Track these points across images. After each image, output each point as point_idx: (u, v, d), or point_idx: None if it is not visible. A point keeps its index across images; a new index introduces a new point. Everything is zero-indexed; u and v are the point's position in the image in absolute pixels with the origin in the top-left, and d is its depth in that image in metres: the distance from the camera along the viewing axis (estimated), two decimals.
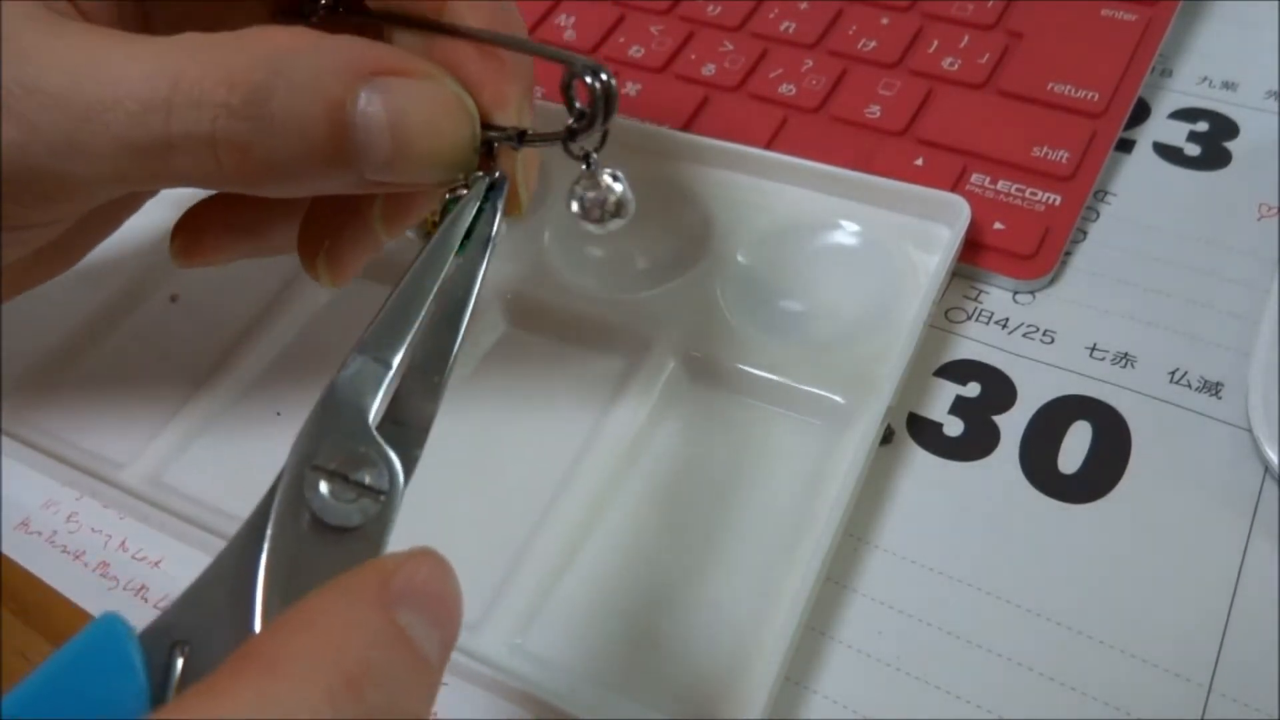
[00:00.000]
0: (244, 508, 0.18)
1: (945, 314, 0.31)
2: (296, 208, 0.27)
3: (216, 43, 0.21)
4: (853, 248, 0.32)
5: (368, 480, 0.18)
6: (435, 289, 0.21)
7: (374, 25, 0.24)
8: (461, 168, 0.22)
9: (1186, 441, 0.27)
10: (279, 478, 0.18)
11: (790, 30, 0.38)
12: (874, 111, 0.35)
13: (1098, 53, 0.35)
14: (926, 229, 0.31)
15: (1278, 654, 0.23)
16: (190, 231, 0.27)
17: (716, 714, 0.24)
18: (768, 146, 0.35)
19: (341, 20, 0.25)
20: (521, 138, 0.23)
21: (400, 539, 0.27)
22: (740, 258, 0.32)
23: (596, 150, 0.23)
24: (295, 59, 0.20)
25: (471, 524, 0.28)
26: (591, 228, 0.23)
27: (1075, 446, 0.27)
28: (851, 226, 0.32)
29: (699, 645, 0.25)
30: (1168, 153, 0.34)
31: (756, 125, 0.35)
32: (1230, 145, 0.34)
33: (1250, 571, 0.25)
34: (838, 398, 0.28)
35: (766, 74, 0.37)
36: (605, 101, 0.21)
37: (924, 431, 0.28)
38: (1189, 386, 0.28)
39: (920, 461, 0.28)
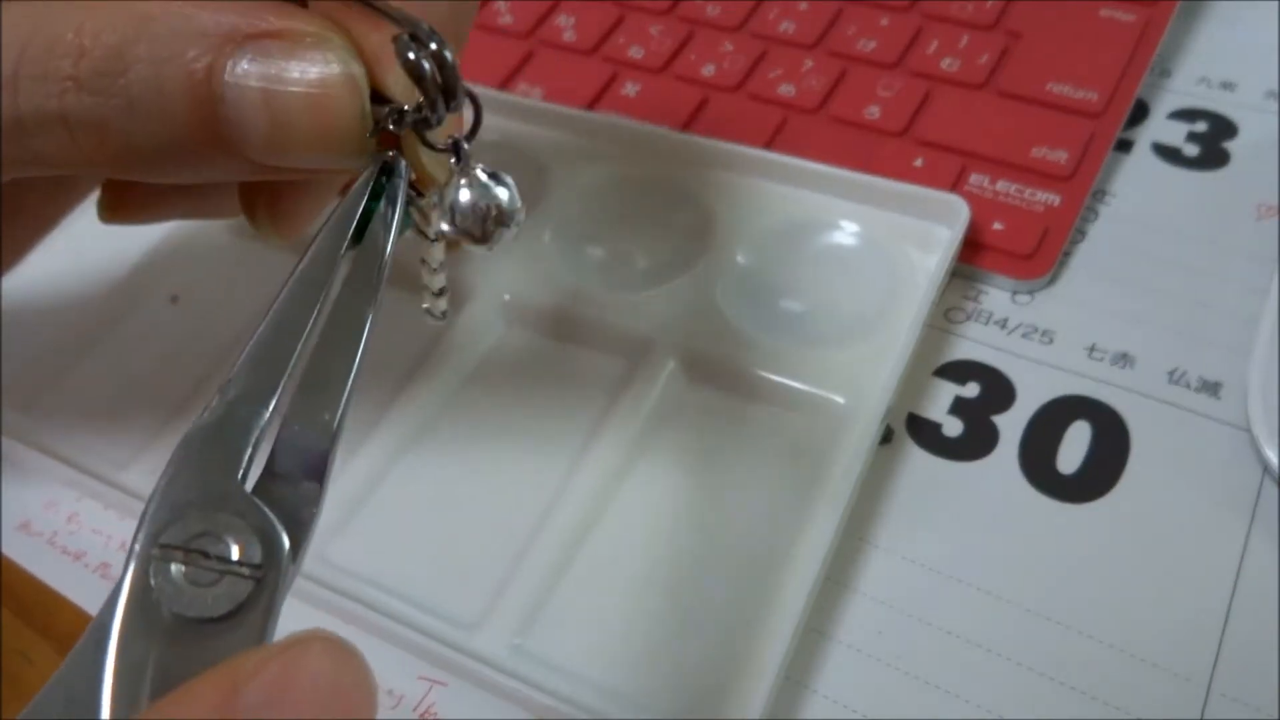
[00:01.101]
0: None
1: (944, 314, 0.31)
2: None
3: (72, 7, 0.18)
4: (852, 248, 0.32)
5: (235, 555, 0.15)
6: (320, 304, 0.17)
7: None
8: (356, 151, 0.19)
9: (1185, 441, 0.27)
10: (125, 564, 0.15)
11: (790, 30, 0.38)
12: (873, 112, 0.35)
13: (1097, 53, 0.35)
14: (926, 229, 0.31)
15: (1277, 654, 0.24)
16: (117, 187, 0.24)
17: (716, 714, 0.24)
18: (767, 147, 0.35)
19: None
20: (401, 117, 0.19)
21: (400, 541, 0.27)
22: (740, 258, 0.32)
23: (467, 140, 0.19)
24: (153, 23, 0.18)
25: (471, 524, 0.28)
26: (472, 247, 0.19)
27: (1074, 446, 0.27)
28: (851, 227, 0.32)
29: (699, 645, 0.25)
30: (1167, 153, 0.34)
31: (756, 125, 0.35)
32: (1229, 145, 0.34)
33: (1249, 571, 0.25)
34: (838, 398, 0.28)
35: (766, 74, 0.37)
36: (442, 77, 0.17)
37: (923, 431, 0.28)
38: (1188, 386, 0.28)
39: (920, 461, 0.28)
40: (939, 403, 0.29)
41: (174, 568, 0.14)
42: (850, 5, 0.39)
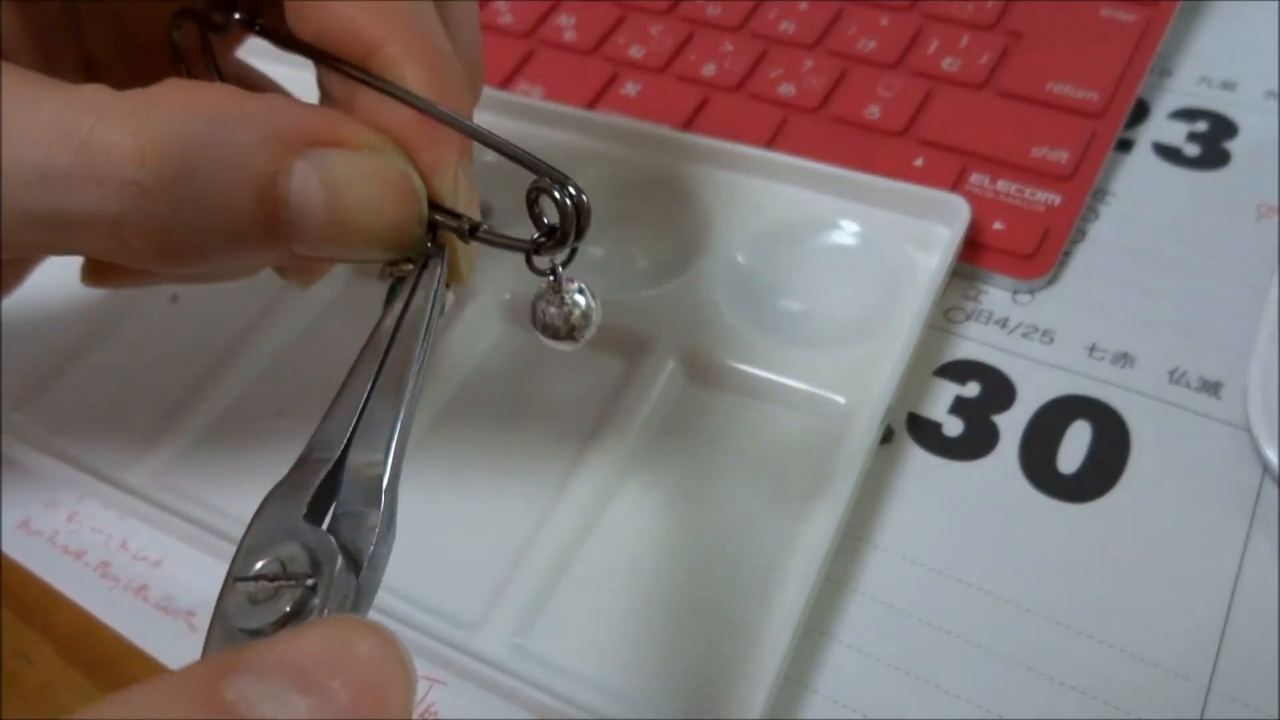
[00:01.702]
0: (245, 507, 0.18)
1: (945, 314, 0.31)
2: None
3: (129, 102, 0.18)
4: (852, 248, 0.32)
5: (288, 569, 0.16)
6: (376, 376, 0.19)
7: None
8: (406, 250, 0.20)
9: (1186, 441, 0.27)
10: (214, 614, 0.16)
11: (790, 30, 0.38)
12: (874, 111, 0.35)
13: (1097, 53, 0.35)
14: (926, 229, 0.31)
15: (1278, 654, 0.24)
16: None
17: (716, 714, 0.24)
18: (767, 146, 0.35)
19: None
20: (474, 232, 0.21)
21: (400, 541, 0.27)
22: (739, 258, 0.32)
23: (564, 265, 0.21)
24: (219, 127, 0.18)
25: (471, 524, 0.28)
26: (557, 345, 0.22)
27: (1075, 446, 0.27)
28: (851, 226, 0.32)
29: (699, 645, 0.25)
30: (1167, 153, 0.34)
31: (756, 125, 0.35)
32: (1229, 145, 0.34)
33: (1249, 571, 0.25)
34: (838, 398, 0.28)
35: (766, 74, 0.37)
36: (577, 220, 0.20)
37: (924, 431, 0.28)
38: (1188, 386, 0.28)
39: (920, 461, 0.28)
40: (939, 402, 0.29)
41: (241, 595, 0.16)
42: (850, 5, 0.39)
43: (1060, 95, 0.34)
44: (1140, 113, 0.35)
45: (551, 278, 0.21)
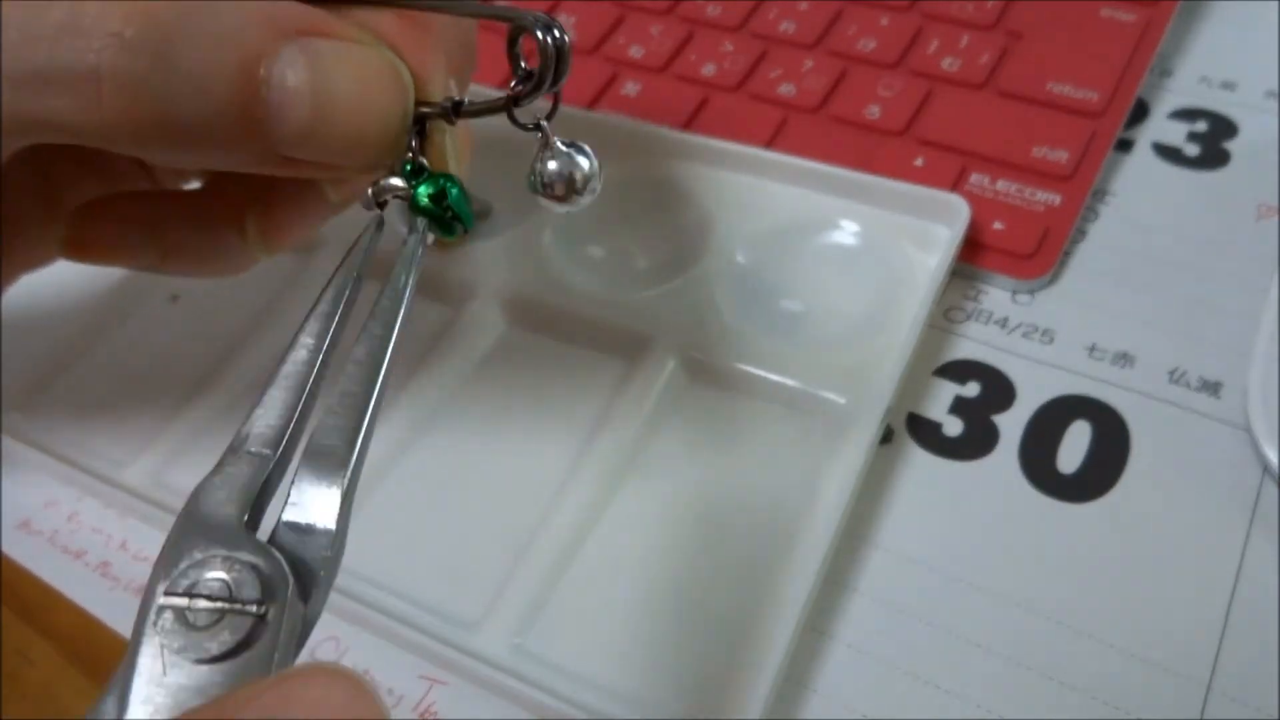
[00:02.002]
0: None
1: (945, 314, 0.31)
2: (202, 208, 0.24)
3: None
4: (852, 248, 0.32)
5: (236, 594, 0.14)
6: (325, 352, 0.17)
7: None
8: (389, 149, 0.20)
9: (1185, 441, 0.27)
10: (135, 623, 0.14)
11: (790, 30, 0.38)
12: (874, 111, 0.35)
13: (1097, 53, 0.35)
14: (926, 229, 0.31)
15: (1278, 654, 0.24)
16: (84, 223, 0.24)
17: (716, 714, 0.24)
18: (767, 146, 0.35)
19: None
20: (457, 109, 0.20)
21: (401, 541, 0.27)
22: (740, 258, 0.32)
23: (547, 119, 0.20)
24: (216, 3, 0.18)
25: (471, 524, 0.28)
26: (559, 208, 0.21)
27: (1074, 446, 0.27)
28: (851, 226, 0.32)
29: (699, 645, 0.25)
30: (1167, 153, 0.34)
31: (756, 125, 0.35)
32: (1230, 145, 0.34)
33: (1249, 571, 0.25)
34: (838, 398, 0.28)
35: (766, 74, 0.37)
36: (557, 60, 0.19)
37: (923, 431, 0.28)
38: (1188, 386, 0.28)
39: (920, 461, 0.28)
40: (939, 402, 0.29)
41: (172, 613, 0.14)
42: (850, 5, 0.39)
43: (1060, 95, 0.34)
44: (1140, 113, 0.35)
45: (537, 133, 0.20)
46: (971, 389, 0.29)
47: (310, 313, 0.18)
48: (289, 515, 0.16)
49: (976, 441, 0.28)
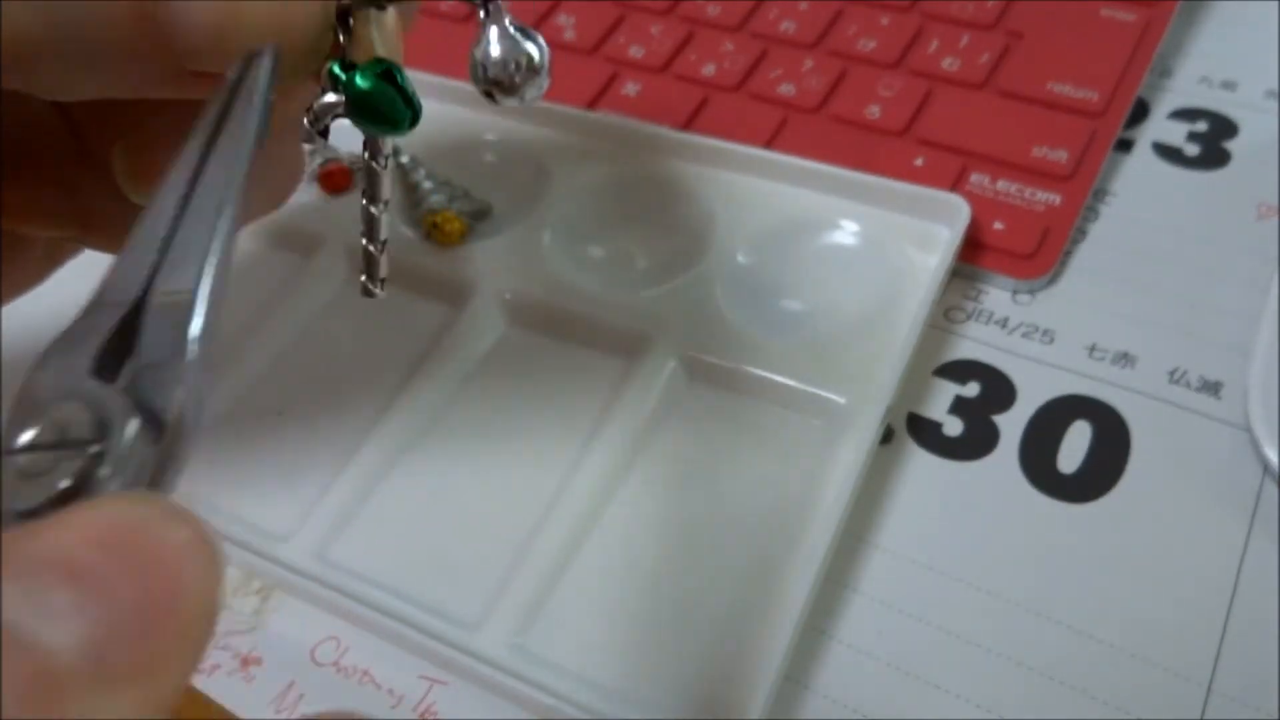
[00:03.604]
0: (245, 507, 0.18)
1: (945, 314, 0.31)
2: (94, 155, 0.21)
3: None
4: (853, 248, 0.32)
5: (67, 435, 0.13)
6: (181, 208, 0.16)
7: None
8: (310, 51, 0.17)
9: (1186, 441, 0.27)
10: None
11: (790, 30, 0.38)
12: (874, 111, 0.35)
13: (1097, 53, 0.35)
14: (926, 229, 0.31)
15: (1278, 654, 0.23)
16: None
17: (716, 714, 0.24)
18: (768, 146, 0.35)
19: None
20: None
21: (400, 541, 0.27)
22: (740, 258, 0.32)
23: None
24: None
25: (471, 524, 0.28)
26: (503, 99, 0.19)
27: (1075, 446, 0.27)
28: (851, 226, 0.32)
29: (699, 645, 0.25)
30: (1167, 152, 0.34)
31: (756, 125, 0.35)
32: (1230, 145, 0.34)
33: (1250, 571, 0.25)
34: (838, 398, 0.28)
35: (766, 74, 0.37)
36: None
37: (924, 431, 0.28)
38: (1188, 386, 0.28)
39: (920, 461, 0.28)
40: (939, 402, 0.29)
41: (10, 471, 0.13)
42: (850, 5, 0.39)
43: (1060, 95, 0.34)
44: (1140, 112, 0.35)
45: (484, 12, 0.18)
46: (972, 389, 0.29)
47: (176, 158, 0.16)
48: (141, 361, 0.15)
49: (977, 441, 0.28)
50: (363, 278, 0.22)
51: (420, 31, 0.21)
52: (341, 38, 0.18)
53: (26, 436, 0.13)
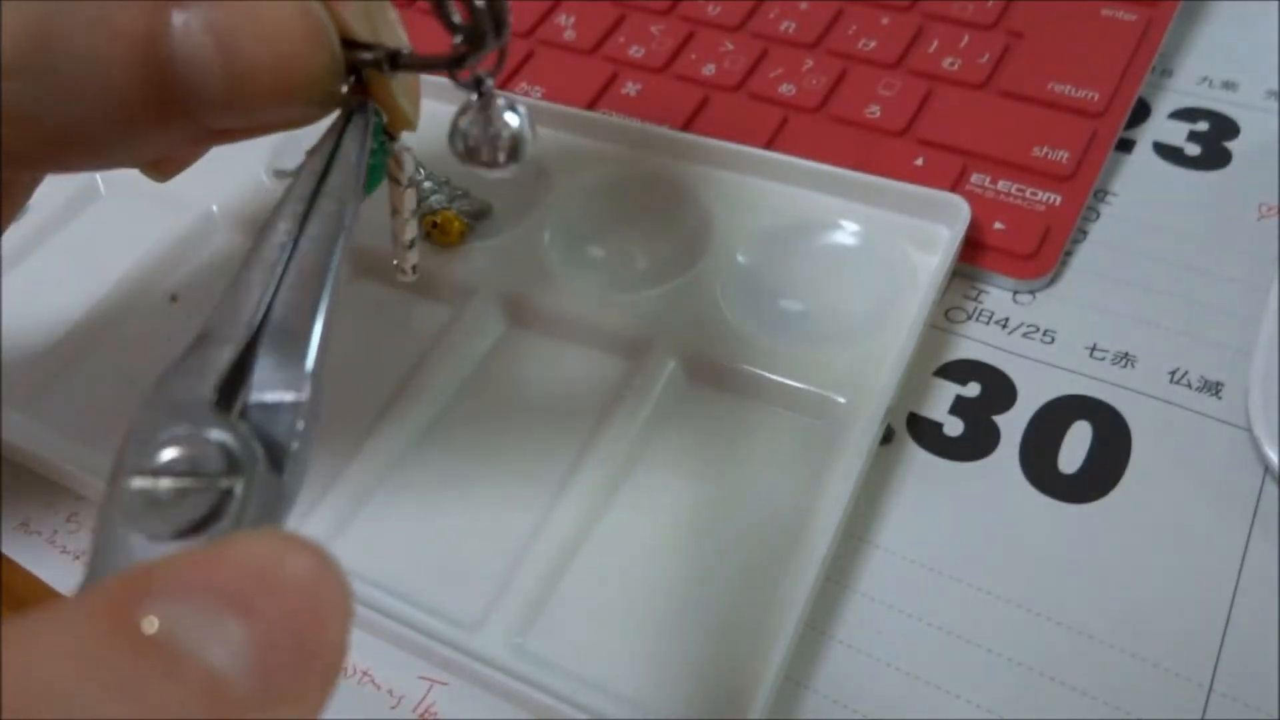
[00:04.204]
0: None
1: (945, 314, 0.31)
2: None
3: None
4: (853, 248, 0.32)
5: (198, 467, 0.14)
6: (293, 247, 0.17)
7: None
8: (322, 97, 0.18)
9: (1186, 441, 0.27)
10: (102, 503, 0.14)
11: (790, 30, 0.38)
12: (874, 111, 0.35)
13: (1098, 53, 0.35)
14: (926, 229, 0.31)
15: (1278, 654, 0.23)
16: None
17: (716, 714, 0.24)
18: (768, 146, 0.35)
19: None
20: (394, 61, 0.18)
21: (400, 541, 0.27)
22: (740, 258, 0.32)
23: (491, 75, 0.19)
24: None
25: (471, 524, 0.28)
26: (482, 172, 0.19)
27: (1075, 446, 0.27)
28: (851, 226, 0.32)
29: (699, 645, 0.25)
30: (1168, 153, 0.34)
31: (756, 125, 0.35)
32: (1230, 145, 0.34)
33: (1250, 571, 0.25)
34: (838, 398, 0.28)
35: (766, 74, 0.37)
36: (492, 14, 0.17)
37: (924, 431, 0.28)
38: (1189, 386, 0.28)
39: (920, 461, 0.28)
40: (940, 402, 0.29)
41: (136, 494, 0.14)
42: (851, 5, 0.39)
43: (1061, 95, 0.34)
44: (1141, 112, 0.35)
45: (477, 94, 0.19)
46: (972, 389, 0.29)
47: (284, 198, 0.17)
48: (255, 396, 0.15)
49: (977, 442, 0.28)
50: (395, 261, 0.23)
51: (421, 31, 0.21)
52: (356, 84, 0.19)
53: (162, 458, 0.14)
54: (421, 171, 0.34)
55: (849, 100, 0.36)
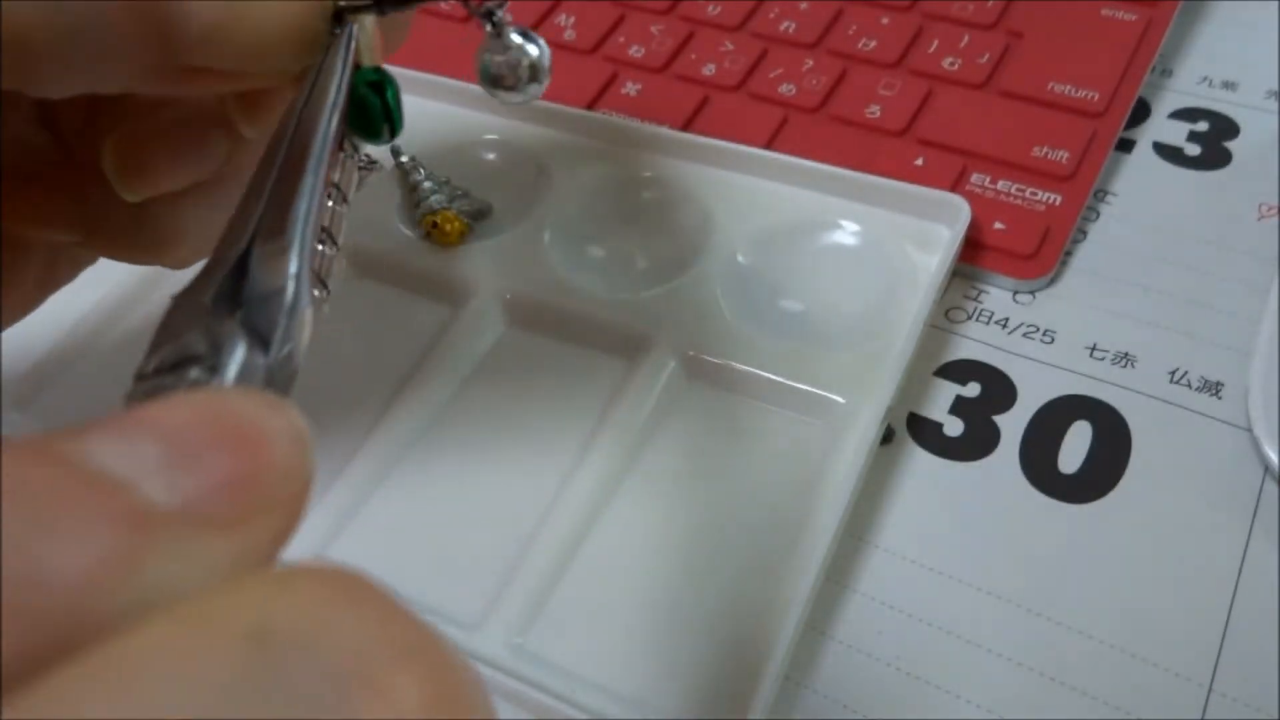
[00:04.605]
0: None
1: (945, 314, 0.31)
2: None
3: None
4: (853, 248, 0.32)
5: (186, 353, 0.14)
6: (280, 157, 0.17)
7: None
8: (307, 48, 0.18)
9: (1186, 441, 0.27)
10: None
11: (790, 30, 0.38)
12: (874, 111, 0.35)
13: (1098, 53, 0.35)
14: (926, 229, 0.31)
15: (1278, 654, 0.23)
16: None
17: (716, 714, 0.24)
18: (768, 146, 0.35)
19: None
20: (382, 2, 0.19)
21: (400, 541, 0.27)
22: (740, 258, 0.32)
23: (501, 5, 0.20)
24: None
25: (471, 524, 0.28)
26: (507, 96, 0.21)
27: (1075, 446, 0.27)
28: (851, 226, 0.32)
29: (699, 645, 0.25)
30: (1168, 152, 0.34)
31: (756, 125, 0.35)
32: (1230, 145, 0.34)
33: (1250, 571, 0.25)
34: (838, 398, 0.28)
35: (766, 74, 0.37)
36: None
37: (924, 431, 0.28)
38: (1189, 386, 0.28)
39: (920, 461, 0.28)
40: (940, 402, 0.29)
41: (141, 396, 0.14)
42: (851, 5, 0.39)
43: (1061, 95, 0.34)
44: (1141, 112, 0.35)
45: (490, 24, 0.20)
46: (972, 389, 0.29)
47: (275, 129, 0.18)
48: (253, 292, 0.16)
49: (977, 442, 0.28)
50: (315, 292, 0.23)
51: (420, 31, 0.21)
52: (359, 40, 0.19)
53: (154, 363, 0.14)
54: (421, 171, 0.34)
55: (849, 100, 0.36)
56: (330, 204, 0.19)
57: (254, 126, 0.21)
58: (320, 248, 0.18)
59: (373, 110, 0.20)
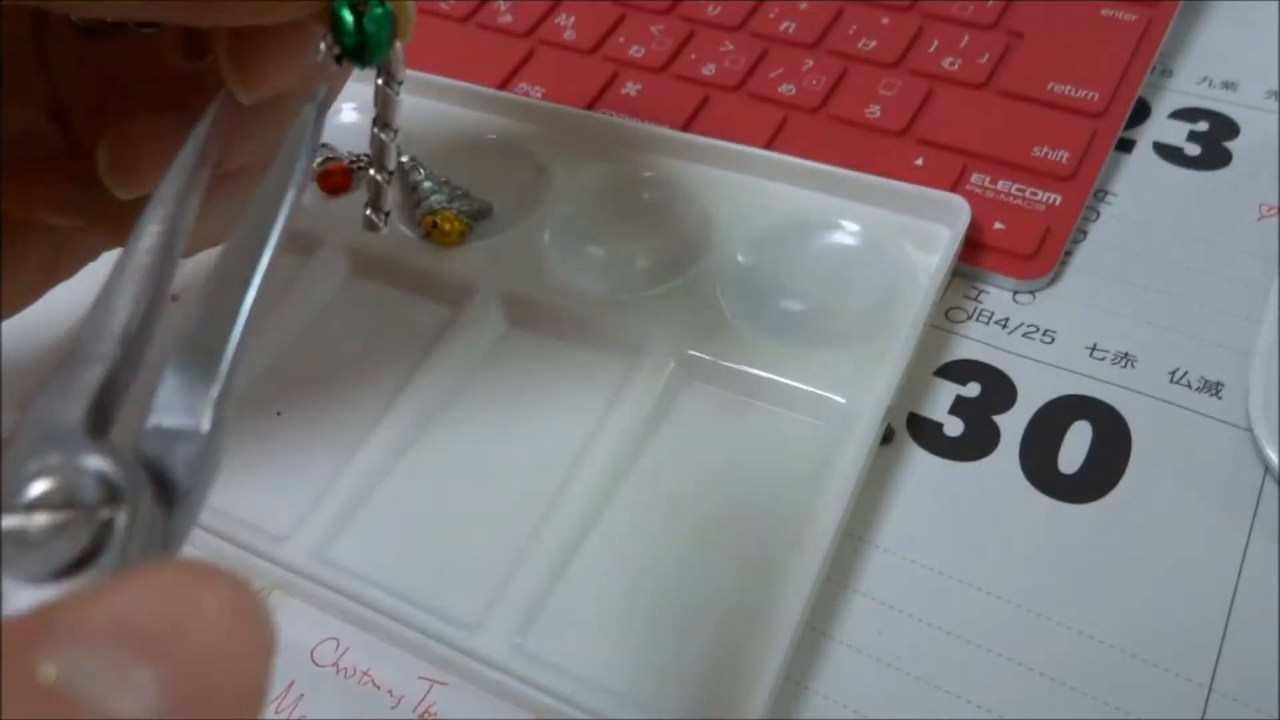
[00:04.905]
0: (245, 507, 0.18)
1: (945, 314, 0.31)
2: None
3: None
4: (853, 248, 0.32)
5: (75, 497, 0.12)
6: (158, 254, 0.15)
7: None
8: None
9: (1186, 441, 0.27)
10: None
11: (790, 30, 0.38)
12: (874, 111, 0.35)
13: (1098, 52, 0.35)
14: (926, 229, 0.31)
15: (1278, 654, 0.23)
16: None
17: (716, 714, 0.24)
18: (768, 146, 0.35)
19: None
20: None
21: (400, 541, 0.27)
22: (740, 258, 0.32)
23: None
24: None
25: (471, 524, 0.28)
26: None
27: (1075, 446, 0.27)
28: (851, 226, 0.32)
29: (699, 645, 0.25)
30: (1168, 152, 0.34)
31: (756, 125, 0.35)
32: (1230, 145, 0.34)
33: (1250, 571, 0.25)
34: (838, 398, 0.28)
35: (766, 74, 0.37)
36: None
37: (924, 431, 0.28)
38: (1189, 386, 0.28)
39: (920, 461, 0.28)
40: (940, 402, 0.29)
41: (13, 538, 0.12)
42: (851, 5, 0.39)
43: (1061, 95, 0.34)
44: (1141, 112, 0.35)
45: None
46: (972, 389, 0.29)
47: (155, 196, 0.16)
48: (154, 420, 0.14)
49: (977, 442, 0.28)
50: (367, 211, 0.22)
51: (420, 31, 0.21)
52: None
53: (32, 493, 0.12)
54: (421, 171, 0.34)
55: (849, 100, 0.36)
56: (386, 138, 0.19)
57: (249, 90, 0.20)
58: (376, 175, 0.17)
59: (343, 26, 0.19)
